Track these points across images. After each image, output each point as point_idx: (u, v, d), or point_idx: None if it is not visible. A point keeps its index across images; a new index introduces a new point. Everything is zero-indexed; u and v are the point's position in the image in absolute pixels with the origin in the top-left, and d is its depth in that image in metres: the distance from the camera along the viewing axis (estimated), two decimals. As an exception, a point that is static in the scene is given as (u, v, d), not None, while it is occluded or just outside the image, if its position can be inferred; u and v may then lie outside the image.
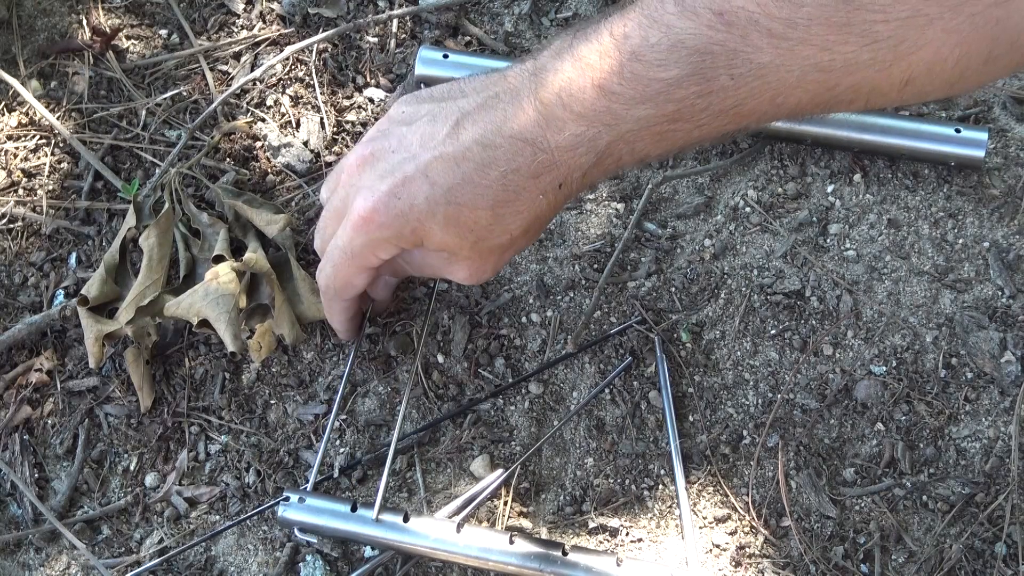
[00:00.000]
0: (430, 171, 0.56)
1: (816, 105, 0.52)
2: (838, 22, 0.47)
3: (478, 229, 0.57)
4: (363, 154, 0.59)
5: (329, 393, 0.83)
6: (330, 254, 0.62)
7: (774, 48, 0.48)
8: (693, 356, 0.82)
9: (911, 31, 0.46)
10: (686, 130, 0.53)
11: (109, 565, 0.79)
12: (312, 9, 1.00)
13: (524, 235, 0.60)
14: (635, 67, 0.51)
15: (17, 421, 0.85)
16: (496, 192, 0.55)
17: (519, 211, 0.57)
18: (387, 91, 0.96)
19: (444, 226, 0.56)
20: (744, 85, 0.50)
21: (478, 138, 0.55)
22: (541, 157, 0.55)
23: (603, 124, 0.53)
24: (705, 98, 0.51)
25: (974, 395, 0.79)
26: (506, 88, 0.57)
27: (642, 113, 0.52)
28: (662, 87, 0.51)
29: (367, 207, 0.56)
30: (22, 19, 1.03)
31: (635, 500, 0.78)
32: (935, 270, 0.83)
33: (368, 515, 0.74)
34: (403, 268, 0.68)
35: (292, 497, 0.76)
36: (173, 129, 0.96)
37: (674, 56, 0.50)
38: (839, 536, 0.75)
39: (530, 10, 0.97)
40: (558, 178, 0.55)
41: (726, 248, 0.86)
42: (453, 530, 0.73)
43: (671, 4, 0.51)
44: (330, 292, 0.65)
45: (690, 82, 0.50)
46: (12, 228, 0.93)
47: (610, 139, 0.54)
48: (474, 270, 0.61)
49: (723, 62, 0.49)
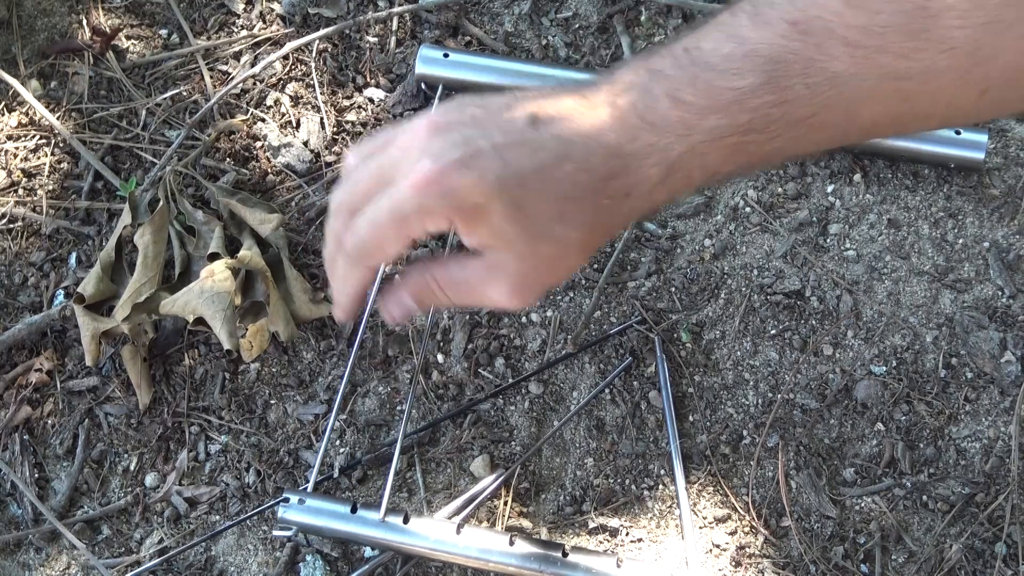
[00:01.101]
0: (506, 153, 0.54)
1: (891, 120, 0.51)
2: (915, 29, 0.47)
3: (540, 221, 0.55)
4: (436, 122, 0.56)
5: (329, 393, 0.83)
6: (371, 213, 0.57)
7: (849, 56, 0.48)
8: (693, 356, 0.82)
9: (988, 36, 0.46)
10: (759, 142, 0.52)
11: (109, 565, 0.79)
12: (312, 9, 1.00)
13: (580, 246, 0.58)
14: (708, 76, 0.51)
15: (17, 421, 0.85)
16: (566, 187, 0.54)
17: (583, 211, 0.56)
18: (387, 91, 0.96)
19: (506, 210, 0.54)
20: (819, 95, 0.50)
21: (555, 133, 0.55)
22: (614, 162, 0.54)
23: (675, 135, 0.53)
24: (779, 107, 0.50)
25: (974, 395, 0.79)
26: (582, 95, 0.57)
27: (714, 123, 0.52)
28: (735, 96, 0.51)
29: (434, 168, 0.53)
30: (22, 19, 1.03)
31: (635, 500, 0.78)
32: (935, 270, 0.83)
33: (368, 516, 0.74)
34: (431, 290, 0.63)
35: (292, 498, 0.76)
36: (173, 129, 0.96)
37: (748, 65, 0.50)
38: (839, 536, 0.75)
39: (530, 10, 0.97)
40: (627, 186, 0.55)
41: (726, 248, 0.86)
42: (453, 531, 0.73)
43: (744, 16, 0.51)
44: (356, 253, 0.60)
45: (764, 91, 0.50)
46: (12, 228, 0.93)
47: (681, 150, 0.53)
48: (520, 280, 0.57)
49: (798, 70, 0.49)
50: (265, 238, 0.87)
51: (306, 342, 0.85)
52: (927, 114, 0.51)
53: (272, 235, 0.86)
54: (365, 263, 0.61)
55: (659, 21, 0.95)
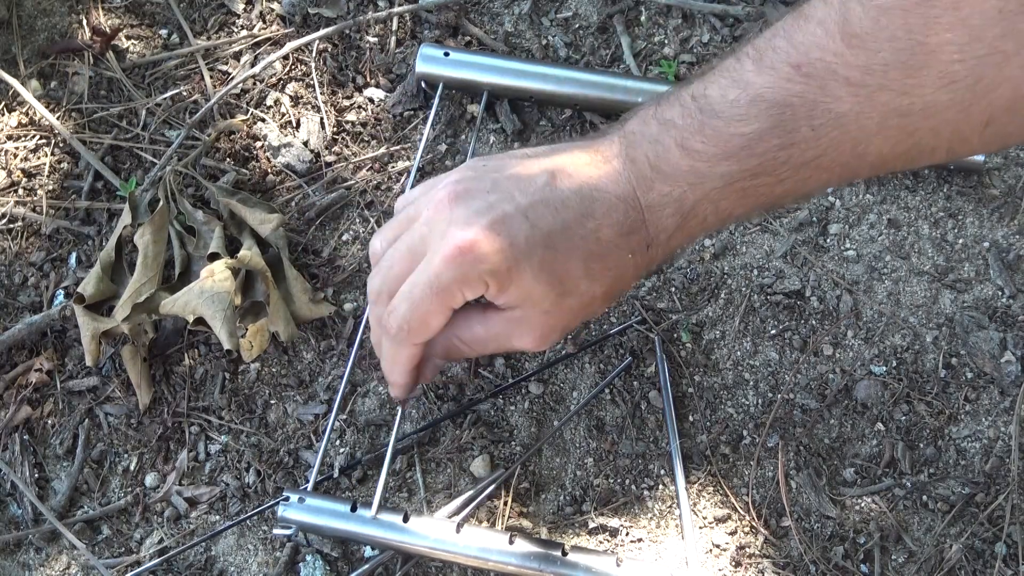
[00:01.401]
0: (530, 213, 0.55)
1: (898, 156, 0.52)
2: (915, 65, 0.47)
3: (568, 280, 0.56)
4: (456, 190, 0.56)
5: (329, 393, 0.83)
6: (408, 291, 0.58)
7: (853, 96, 0.49)
8: (693, 356, 0.82)
9: (988, 69, 0.46)
10: (768, 184, 0.53)
11: (109, 565, 0.79)
12: (312, 9, 1.00)
13: (604, 297, 0.59)
14: (715, 124, 0.52)
15: (17, 421, 0.85)
16: (591, 244, 0.55)
17: (608, 267, 0.57)
18: (387, 91, 0.96)
19: (538, 271, 0.55)
20: (825, 135, 0.50)
21: (576, 189, 0.55)
22: (633, 215, 0.55)
23: (688, 183, 0.54)
24: (786, 151, 0.51)
25: (974, 395, 0.79)
26: (597, 150, 0.57)
27: (725, 170, 0.53)
28: (743, 142, 0.51)
29: (466, 238, 0.54)
30: (22, 19, 1.03)
31: (635, 500, 0.78)
32: (935, 270, 0.83)
33: (367, 515, 0.74)
34: (457, 348, 0.63)
35: (292, 497, 0.76)
36: (173, 129, 0.96)
37: (754, 111, 0.51)
38: (839, 536, 0.75)
39: (530, 10, 0.97)
40: (647, 238, 0.56)
41: (726, 248, 0.86)
42: (453, 530, 0.73)
43: (749, 62, 0.52)
44: (402, 334, 0.59)
45: (771, 135, 0.51)
46: (12, 228, 0.93)
47: (695, 198, 0.54)
48: (546, 330, 0.58)
49: (803, 113, 0.50)
50: (265, 238, 0.87)
51: (306, 342, 0.85)
52: (932, 148, 0.51)
53: (272, 235, 0.86)
54: (412, 340, 0.60)
55: (659, 21, 0.95)
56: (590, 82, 0.88)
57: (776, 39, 0.51)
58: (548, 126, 0.92)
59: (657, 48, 0.94)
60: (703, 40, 0.94)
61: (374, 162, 0.92)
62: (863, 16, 0.48)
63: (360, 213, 0.90)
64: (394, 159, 0.92)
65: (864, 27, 0.48)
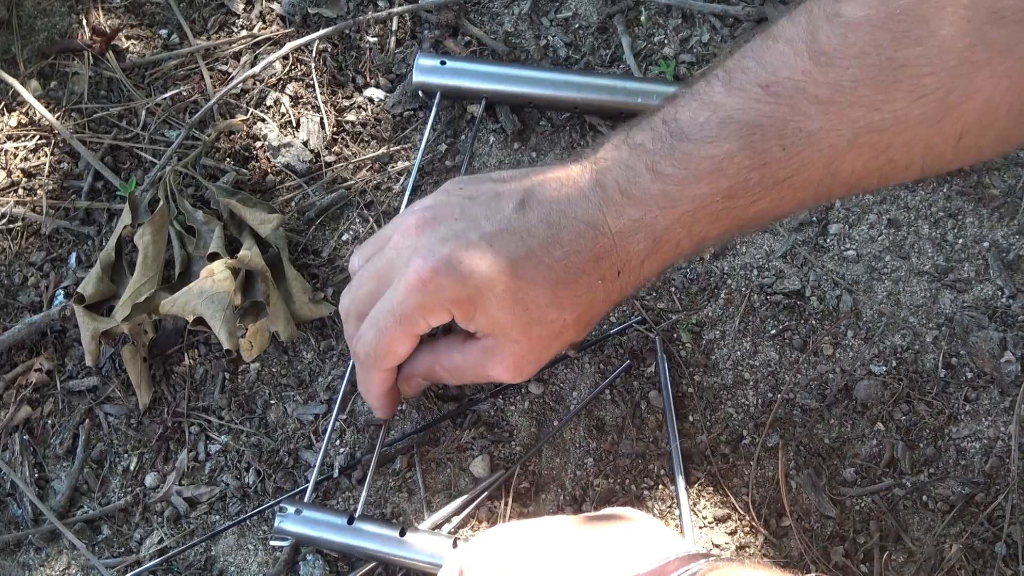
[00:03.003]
0: (495, 242, 0.55)
1: (871, 172, 0.51)
2: (884, 80, 0.47)
3: (533, 308, 0.56)
4: (424, 217, 0.57)
5: (329, 393, 0.83)
6: (374, 318, 0.59)
7: (823, 114, 0.48)
8: (693, 356, 0.82)
9: (959, 80, 0.45)
10: (741, 206, 0.53)
11: (109, 565, 0.79)
12: (312, 9, 1.00)
13: (575, 325, 0.58)
14: (686, 147, 0.52)
15: (17, 421, 0.85)
16: (558, 272, 0.55)
17: (577, 295, 0.56)
18: (387, 91, 0.96)
19: (501, 300, 0.55)
20: (796, 155, 0.50)
21: (543, 216, 0.55)
22: (603, 241, 0.55)
23: (659, 207, 0.53)
24: (758, 171, 0.51)
25: (974, 395, 0.79)
26: (568, 175, 0.57)
27: (696, 192, 0.52)
28: (714, 164, 0.51)
29: (427, 267, 0.54)
30: (22, 19, 1.03)
31: (635, 500, 0.78)
32: (935, 270, 0.83)
33: (364, 528, 0.74)
34: (438, 374, 0.64)
35: (288, 508, 0.75)
36: (173, 129, 0.96)
37: (724, 132, 0.50)
38: (839, 536, 0.75)
39: (530, 10, 0.97)
40: (617, 264, 0.55)
41: (726, 248, 0.86)
42: (449, 545, 0.72)
43: (718, 84, 0.51)
44: (370, 360, 0.61)
45: (742, 156, 0.50)
46: (12, 228, 0.93)
47: (667, 223, 0.54)
48: (518, 360, 0.58)
49: (773, 133, 0.49)
50: (265, 238, 0.87)
51: (306, 342, 0.85)
52: (907, 164, 0.50)
53: (272, 235, 0.86)
54: (380, 367, 0.62)
55: (659, 21, 0.95)
56: (589, 85, 0.88)
57: (745, 60, 0.51)
58: (548, 126, 0.92)
59: (657, 48, 0.94)
60: (703, 40, 0.94)
61: (374, 162, 0.92)
62: (831, 34, 0.48)
63: (360, 213, 0.90)
64: (394, 159, 0.92)
65: (832, 44, 0.48)
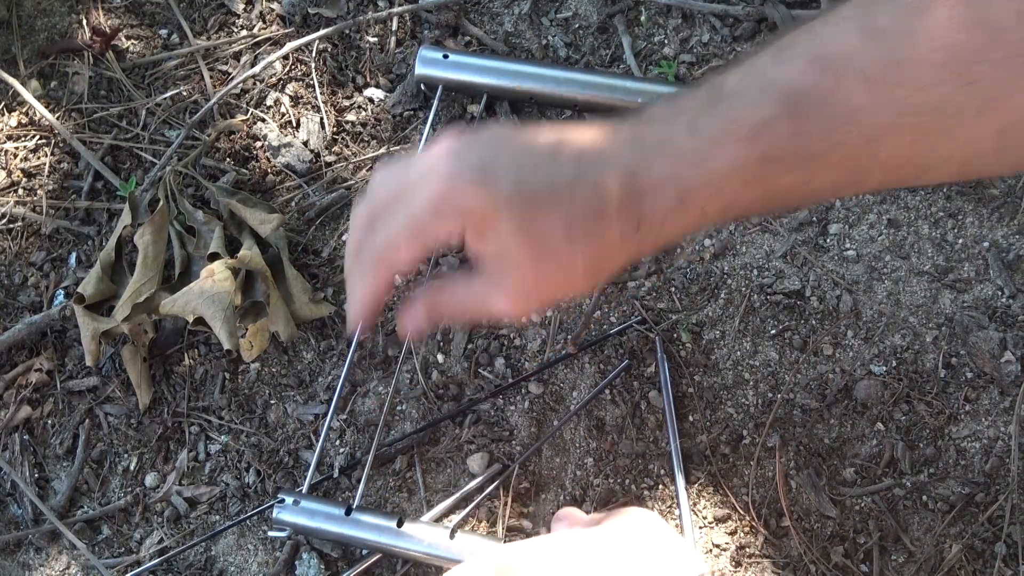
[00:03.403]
0: (521, 171, 0.55)
1: (909, 160, 0.51)
2: (935, 63, 0.47)
3: (547, 241, 0.56)
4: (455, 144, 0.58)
5: (329, 393, 0.83)
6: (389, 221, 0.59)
7: (868, 90, 0.49)
8: (693, 356, 0.82)
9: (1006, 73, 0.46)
10: (775, 174, 0.53)
11: (109, 565, 0.79)
12: (312, 9, 1.00)
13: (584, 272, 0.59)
14: (725, 107, 0.52)
15: (17, 421, 0.85)
16: (577, 209, 0.56)
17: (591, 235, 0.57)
18: (387, 91, 0.96)
19: (517, 224, 0.55)
20: (837, 128, 0.50)
21: (574, 155, 0.55)
22: (628, 187, 0.55)
23: (691, 163, 0.53)
24: (797, 139, 0.51)
25: (974, 395, 0.79)
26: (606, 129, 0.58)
27: (732, 152, 0.52)
28: (753, 127, 0.51)
29: (450, 179, 0.55)
30: (22, 19, 1.03)
31: (635, 500, 0.78)
32: (935, 270, 0.83)
33: (362, 519, 0.74)
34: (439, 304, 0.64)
35: (287, 499, 0.75)
36: (173, 129, 0.96)
37: (766, 97, 0.51)
38: (839, 536, 0.75)
39: (530, 10, 0.97)
40: (638, 215, 0.56)
41: (726, 248, 0.86)
42: (446, 536, 0.72)
43: (767, 56, 0.52)
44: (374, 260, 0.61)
45: (782, 122, 0.51)
46: (12, 228, 0.93)
47: (696, 180, 0.54)
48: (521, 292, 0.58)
49: (816, 102, 0.50)
50: (265, 238, 0.87)
51: (306, 342, 0.85)
52: (946, 156, 0.51)
53: (272, 235, 0.86)
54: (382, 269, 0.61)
55: (659, 21, 0.95)
56: (590, 83, 0.88)
57: (797, 35, 0.52)
58: (548, 126, 0.92)
59: (657, 48, 0.94)
60: (703, 40, 0.94)
61: (374, 162, 0.92)
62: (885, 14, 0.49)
63: (360, 213, 0.90)
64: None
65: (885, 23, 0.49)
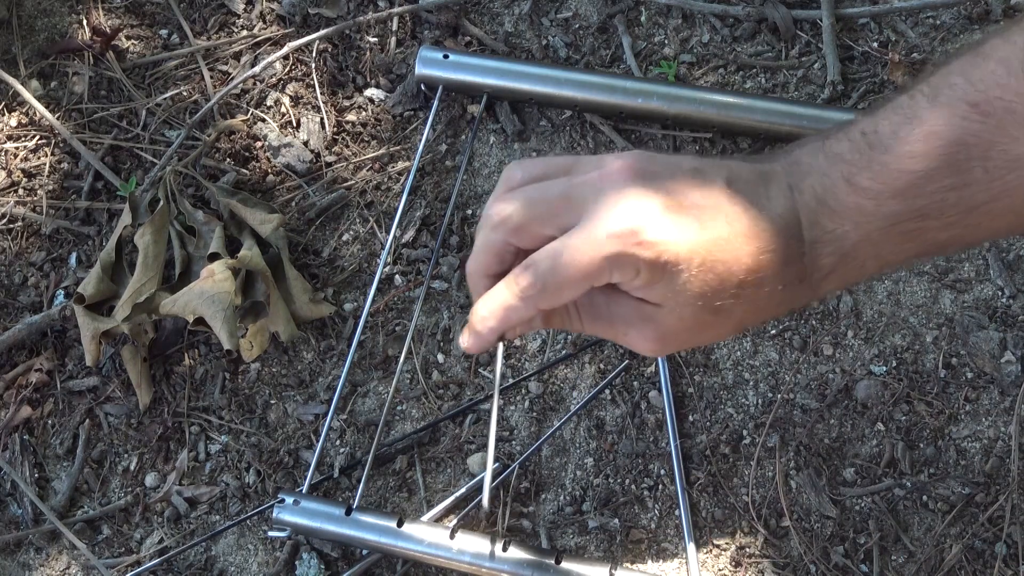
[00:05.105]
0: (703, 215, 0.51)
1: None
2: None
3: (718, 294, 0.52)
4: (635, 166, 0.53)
5: (329, 393, 0.83)
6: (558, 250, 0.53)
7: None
8: (693, 356, 0.82)
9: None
10: (934, 229, 0.51)
11: (109, 565, 0.79)
12: (312, 9, 1.00)
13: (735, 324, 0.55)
14: (885, 159, 0.50)
15: (17, 421, 0.85)
16: (750, 262, 0.52)
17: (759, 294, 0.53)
18: (387, 91, 0.96)
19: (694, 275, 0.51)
20: (998, 179, 0.48)
21: (748, 205, 0.52)
22: (794, 246, 0.52)
23: (852, 222, 0.51)
24: (957, 192, 0.49)
25: (974, 395, 0.79)
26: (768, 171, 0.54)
27: (891, 209, 0.50)
28: (913, 179, 0.49)
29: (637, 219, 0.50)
30: (22, 19, 1.03)
31: (635, 500, 0.78)
32: (935, 270, 0.83)
33: (361, 519, 0.74)
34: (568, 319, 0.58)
35: (287, 499, 0.75)
36: (173, 129, 0.96)
37: (925, 148, 0.49)
38: (839, 536, 0.75)
39: (530, 10, 0.97)
40: (801, 273, 0.53)
41: (726, 248, 0.86)
42: (447, 536, 0.73)
43: (923, 99, 0.49)
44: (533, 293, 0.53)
45: (942, 174, 0.49)
46: (12, 228, 0.93)
47: (857, 239, 0.52)
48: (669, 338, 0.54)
49: (978, 153, 0.48)
50: (265, 238, 0.87)
51: (306, 342, 0.85)
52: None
53: (272, 235, 0.86)
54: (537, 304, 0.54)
55: (659, 21, 0.95)
56: (590, 83, 0.88)
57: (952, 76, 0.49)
58: (548, 126, 0.92)
59: (657, 48, 0.94)
60: (703, 40, 0.94)
61: (374, 162, 0.92)
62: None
63: (360, 213, 0.90)
64: (394, 159, 0.92)
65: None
